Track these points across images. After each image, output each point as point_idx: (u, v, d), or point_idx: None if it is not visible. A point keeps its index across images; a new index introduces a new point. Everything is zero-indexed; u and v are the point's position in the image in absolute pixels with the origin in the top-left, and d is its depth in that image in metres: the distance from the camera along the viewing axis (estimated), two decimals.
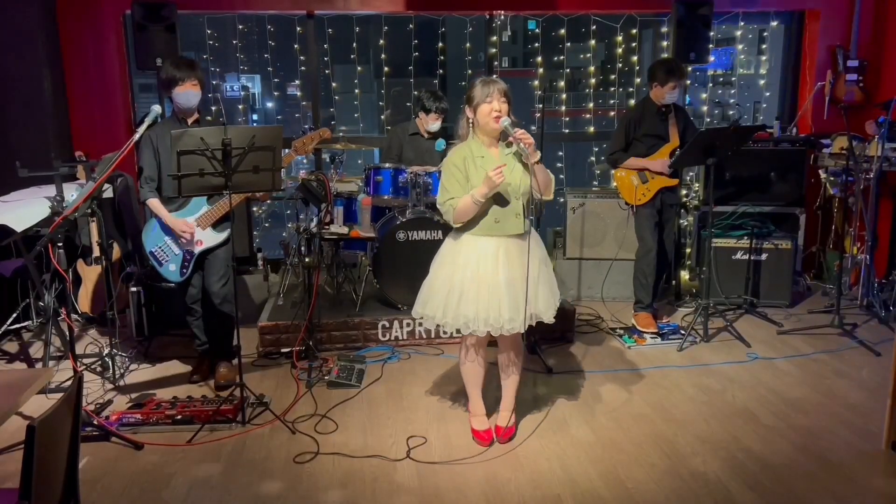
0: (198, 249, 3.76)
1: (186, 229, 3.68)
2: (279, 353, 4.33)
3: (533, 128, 4.54)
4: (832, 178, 5.44)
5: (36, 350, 4.44)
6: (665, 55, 5.53)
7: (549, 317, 3.14)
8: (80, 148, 5.14)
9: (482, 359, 3.27)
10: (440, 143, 4.93)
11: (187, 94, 3.67)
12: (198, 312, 3.97)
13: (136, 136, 3.46)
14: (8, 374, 2.37)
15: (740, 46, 6.61)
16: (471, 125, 3.09)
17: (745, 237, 5.14)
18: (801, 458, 3.16)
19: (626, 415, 3.58)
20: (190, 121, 3.74)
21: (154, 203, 3.69)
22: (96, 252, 4.31)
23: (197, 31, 6.35)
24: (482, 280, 3.03)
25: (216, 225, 3.78)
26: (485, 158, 3.04)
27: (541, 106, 4.58)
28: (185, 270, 3.78)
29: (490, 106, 2.97)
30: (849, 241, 5.37)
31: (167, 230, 3.72)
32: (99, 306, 4.71)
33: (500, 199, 3.02)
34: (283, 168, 3.89)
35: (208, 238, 3.77)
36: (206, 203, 3.74)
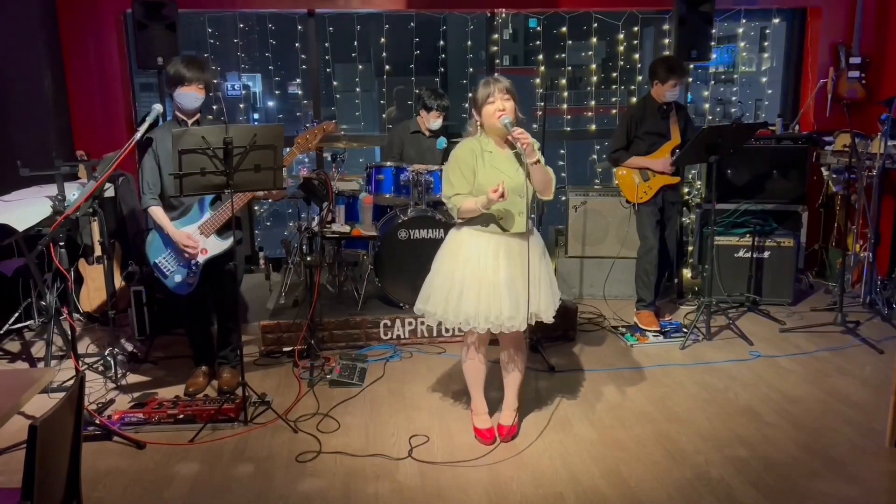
0: (202, 258, 3.60)
1: (189, 243, 3.54)
2: (281, 352, 4.32)
3: (535, 126, 4.54)
4: (834, 176, 5.43)
5: (38, 350, 4.44)
6: (666, 53, 5.52)
7: (548, 316, 3.13)
8: (81, 147, 5.14)
9: (483, 357, 3.27)
10: (441, 142, 4.93)
11: (190, 96, 3.55)
12: (198, 324, 3.89)
13: (138, 136, 3.43)
14: (10, 373, 2.37)
15: (742, 44, 6.60)
16: (479, 127, 3.07)
17: (748, 235, 5.13)
18: (803, 456, 3.15)
19: (629, 413, 3.58)
20: (190, 122, 3.62)
21: (156, 212, 3.56)
22: (98, 251, 4.31)
23: (198, 29, 6.35)
24: (483, 277, 3.02)
25: (221, 231, 3.65)
26: (493, 154, 3.03)
27: (542, 104, 4.58)
28: (191, 281, 3.63)
29: (493, 106, 2.95)
30: (851, 238, 5.36)
31: (169, 240, 3.58)
32: (102, 306, 4.70)
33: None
34: (287, 166, 3.84)
35: (213, 245, 3.63)
36: (208, 209, 3.62)
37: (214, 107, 5.84)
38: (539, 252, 3.14)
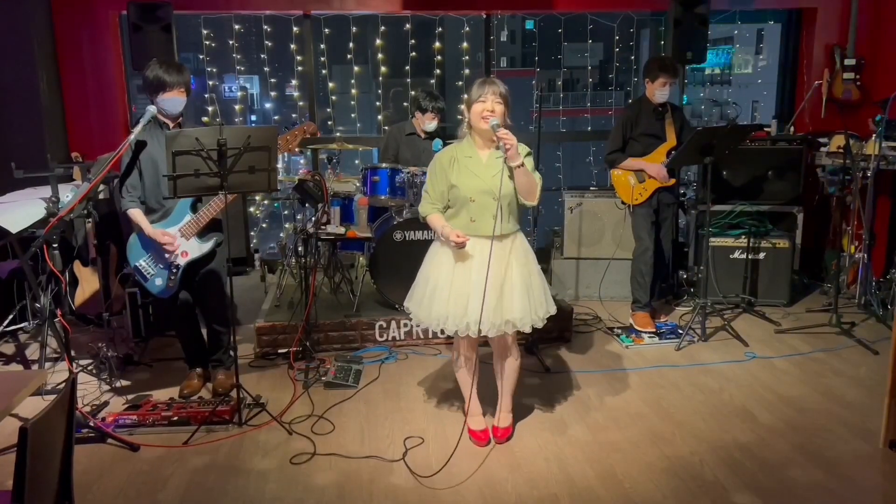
0: (183, 261, 3.55)
1: (168, 240, 3.47)
2: (276, 353, 4.31)
3: (531, 128, 4.54)
4: (829, 177, 5.44)
5: (32, 352, 4.42)
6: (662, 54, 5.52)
7: (524, 325, 3.06)
8: (77, 149, 5.14)
9: (473, 359, 3.26)
10: (437, 143, 4.92)
11: (174, 100, 3.52)
12: (188, 327, 3.85)
13: (132, 137, 3.42)
14: (1, 375, 2.36)
15: (738, 46, 6.62)
16: (468, 126, 3.08)
17: (743, 236, 5.14)
18: (798, 457, 3.15)
19: (624, 414, 3.58)
20: (172, 125, 3.57)
21: (136, 214, 3.51)
22: (92, 253, 4.30)
23: (193, 31, 6.35)
24: (455, 280, 3.06)
25: (202, 234, 3.59)
26: (472, 159, 3.05)
27: (538, 106, 4.59)
28: (171, 285, 3.58)
29: (483, 105, 2.96)
30: (846, 239, 5.37)
31: (150, 243, 3.53)
32: (97, 308, 4.70)
33: (477, 199, 3.01)
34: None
35: (193, 248, 3.58)
36: (189, 212, 3.56)
37: (210, 108, 5.81)
38: (522, 258, 3.09)
